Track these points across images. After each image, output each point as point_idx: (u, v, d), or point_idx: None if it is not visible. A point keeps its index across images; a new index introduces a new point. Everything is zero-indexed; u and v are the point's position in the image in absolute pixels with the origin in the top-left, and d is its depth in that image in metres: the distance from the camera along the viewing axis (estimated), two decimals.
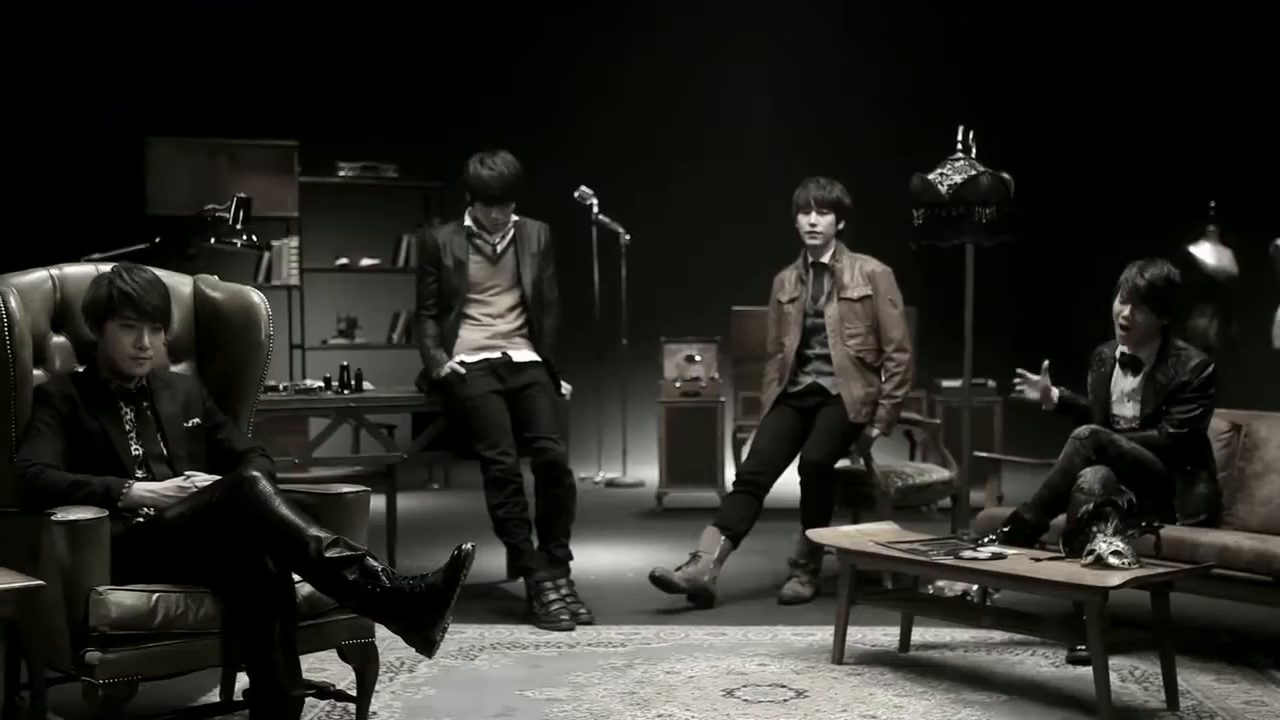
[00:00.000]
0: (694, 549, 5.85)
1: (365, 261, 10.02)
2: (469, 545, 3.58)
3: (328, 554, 3.58)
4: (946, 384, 8.42)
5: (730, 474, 8.61)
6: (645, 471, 9.49)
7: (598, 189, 9.17)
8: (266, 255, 9.11)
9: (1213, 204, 9.25)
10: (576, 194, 9.15)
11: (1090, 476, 4.80)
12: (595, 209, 9.19)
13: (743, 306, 8.66)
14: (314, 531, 3.62)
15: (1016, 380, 5.46)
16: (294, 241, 9.57)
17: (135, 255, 5.13)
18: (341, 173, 9.83)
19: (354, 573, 3.59)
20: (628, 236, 9.28)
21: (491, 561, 6.12)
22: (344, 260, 9.99)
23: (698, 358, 8.55)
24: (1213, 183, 9.48)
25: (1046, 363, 5.38)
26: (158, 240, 5.55)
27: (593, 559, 6.57)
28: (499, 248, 5.81)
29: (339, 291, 10.19)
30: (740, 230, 10.01)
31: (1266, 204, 9.20)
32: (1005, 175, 5.77)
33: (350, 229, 10.11)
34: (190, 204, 8.61)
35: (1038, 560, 4.48)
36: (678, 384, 8.51)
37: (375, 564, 3.61)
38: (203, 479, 3.83)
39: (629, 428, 9.68)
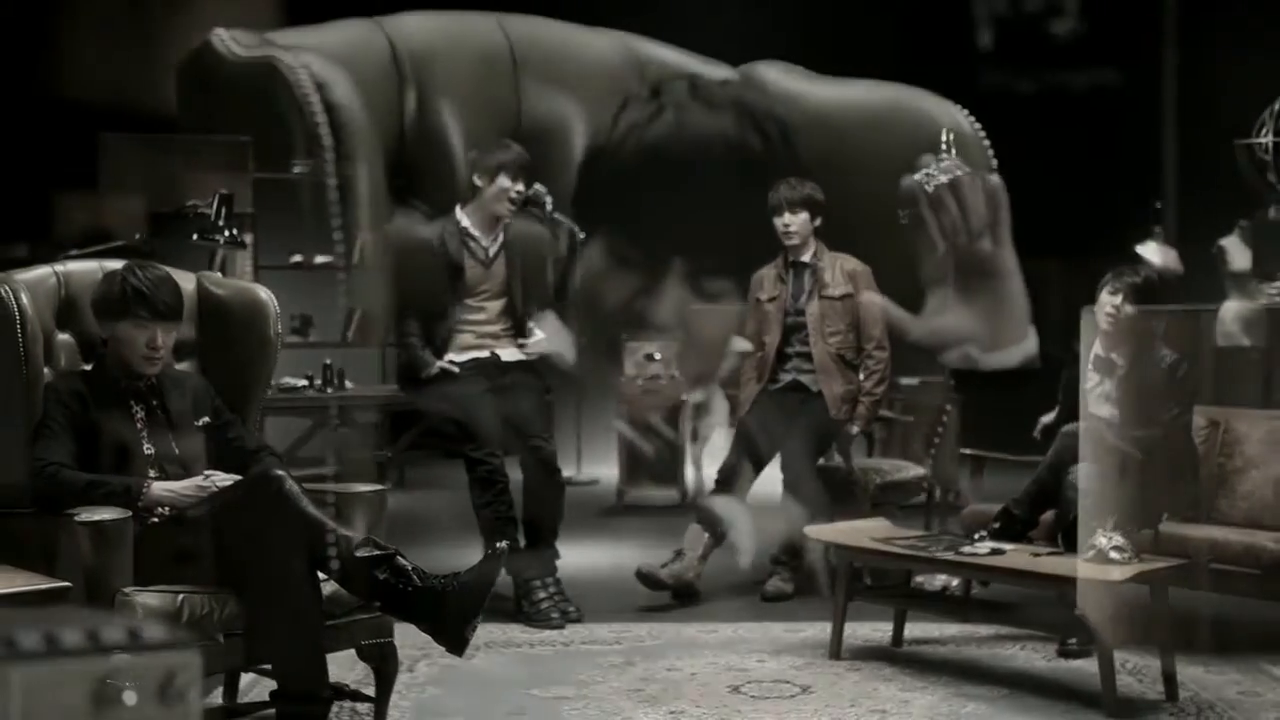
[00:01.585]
0: (678, 546, 5.87)
1: (319, 259, 9.91)
2: (503, 544, 3.60)
3: (358, 553, 3.56)
4: (905, 381, 8.49)
5: (690, 472, 8.67)
6: (598, 469, 9.47)
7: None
8: (221, 253, 8.96)
9: (1158, 204, 9.43)
10: (530, 191, 9.09)
11: (1080, 473, 4.88)
12: (549, 207, 9.13)
13: (700, 305, 8.68)
14: (343, 531, 3.59)
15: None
16: (248, 238, 9.43)
17: (107, 251, 5.06)
18: (296, 169, 9.71)
19: (384, 572, 3.57)
20: (583, 235, 9.24)
21: (470, 560, 6.05)
22: (298, 258, 9.88)
23: (658, 356, 8.56)
24: (1157, 183, 9.67)
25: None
26: (138, 236, 5.47)
27: (564, 557, 6.55)
28: (491, 251, 5.79)
29: (292, 289, 10.05)
30: (698, 229, 10.02)
31: (1211, 204, 9.39)
32: (991, 176, 5.86)
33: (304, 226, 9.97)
34: (144, 200, 8.48)
35: (1037, 555, 4.55)
36: (638, 382, 8.51)
37: (405, 563, 3.60)
38: (222, 478, 3.78)
39: (583, 425, 9.65)
